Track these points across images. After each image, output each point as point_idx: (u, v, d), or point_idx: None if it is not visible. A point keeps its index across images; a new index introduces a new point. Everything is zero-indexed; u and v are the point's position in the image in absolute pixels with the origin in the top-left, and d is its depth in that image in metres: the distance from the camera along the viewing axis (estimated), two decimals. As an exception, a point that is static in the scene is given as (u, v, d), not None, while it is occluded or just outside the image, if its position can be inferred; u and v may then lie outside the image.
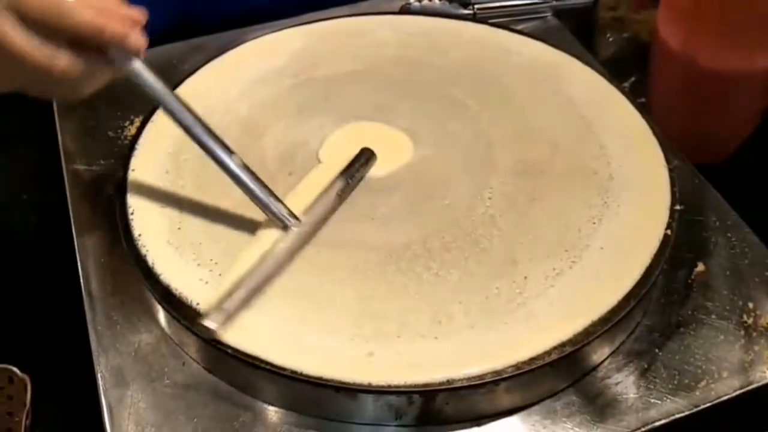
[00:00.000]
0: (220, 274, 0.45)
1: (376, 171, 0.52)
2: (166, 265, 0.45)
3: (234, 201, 0.49)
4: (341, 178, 0.50)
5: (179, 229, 0.48)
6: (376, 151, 0.52)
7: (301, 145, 0.54)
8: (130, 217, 0.48)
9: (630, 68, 0.71)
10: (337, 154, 0.52)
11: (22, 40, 0.38)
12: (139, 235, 0.47)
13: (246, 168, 0.46)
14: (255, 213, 0.47)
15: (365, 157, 0.52)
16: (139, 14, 0.42)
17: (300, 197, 0.49)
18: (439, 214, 0.49)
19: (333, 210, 0.49)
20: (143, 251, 0.46)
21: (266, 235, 0.46)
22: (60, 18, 0.39)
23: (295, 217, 0.46)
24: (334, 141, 0.54)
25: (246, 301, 0.43)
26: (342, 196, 0.49)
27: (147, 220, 0.48)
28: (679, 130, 0.59)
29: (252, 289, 0.43)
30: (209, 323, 0.41)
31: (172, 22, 0.67)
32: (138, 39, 0.42)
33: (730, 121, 0.62)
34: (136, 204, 0.49)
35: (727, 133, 0.63)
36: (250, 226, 0.48)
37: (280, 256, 0.45)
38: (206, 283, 0.45)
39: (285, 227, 0.46)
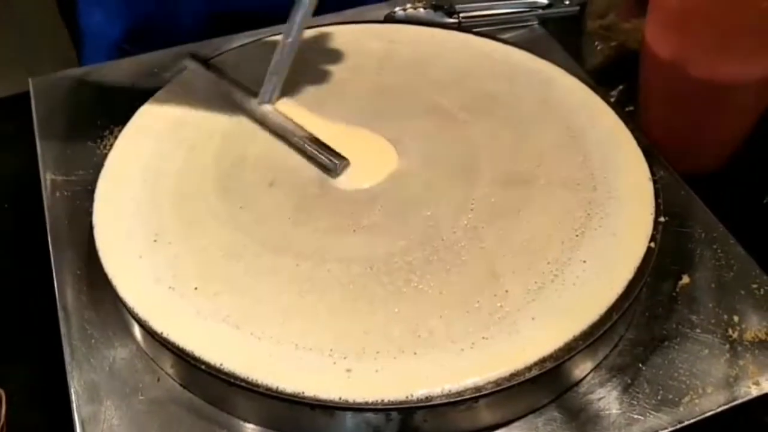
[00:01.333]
0: (195, 288, 0.44)
1: (358, 182, 0.51)
2: (141, 279, 0.45)
3: (212, 212, 0.49)
4: (309, 140, 0.53)
5: (155, 241, 0.47)
6: (359, 160, 0.52)
7: (283, 155, 0.53)
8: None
9: (618, 77, 0.70)
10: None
11: None
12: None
13: (292, 53, 0.55)
14: (231, 226, 0.46)
15: (339, 158, 0.52)
16: None
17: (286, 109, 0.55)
18: (421, 225, 0.48)
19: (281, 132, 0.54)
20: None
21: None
22: None
23: (270, 102, 0.55)
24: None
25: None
26: (288, 141, 0.53)
27: (122, 232, 0.47)
28: (669, 140, 0.58)
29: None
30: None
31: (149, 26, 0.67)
32: None
33: (721, 132, 0.62)
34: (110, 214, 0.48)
35: (718, 143, 0.62)
36: (229, 239, 0.47)
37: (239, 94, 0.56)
38: (181, 296, 0.44)
39: (261, 97, 0.55)
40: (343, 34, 0.63)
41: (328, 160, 0.51)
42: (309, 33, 0.63)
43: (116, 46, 0.74)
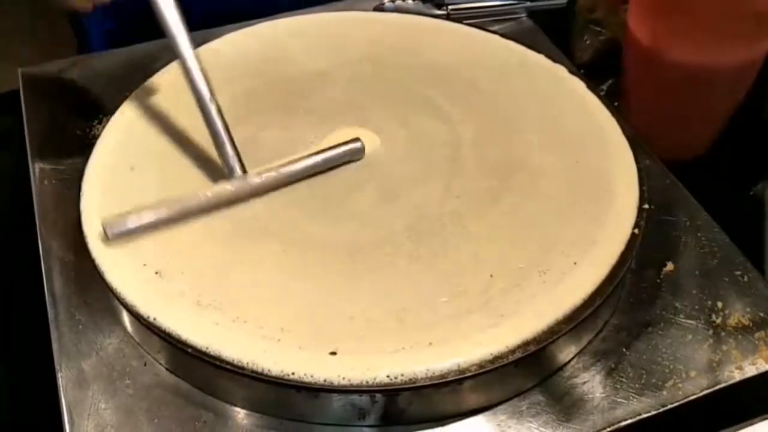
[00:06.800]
0: (182, 273, 0.44)
1: (343, 169, 0.52)
2: (128, 265, 0.45)
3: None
4: (313, 156, 0.50)
5: (142, 227, 0.47)
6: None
7: (269, 144, 0.53)
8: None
9: (607, 71, 0.71)
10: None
11: None
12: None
13: (220, 113, 0.49)
14: (219, 212, 0.47)
15: (350, 146, 0.51)
16: None
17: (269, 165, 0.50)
18: (407, 211, 0.48)
19: (285, 181, 0.49)
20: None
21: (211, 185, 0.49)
22: None
23: (243, 170, 0.48)
24: (304, 137, 0.54)
25: (149, 227, 0.45)
26: (304, 171, 0.50)
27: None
28: (649, 126, 0.59)
29: (160, 219, 0.45)
30: (107, 226, 0.44)
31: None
32: None
33: (701, 117, 0.62)
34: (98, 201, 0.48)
35: (698, 129, 0.63)
36: (216, 224, 0.47)
37: (204, 198, 0.47)
38: (168, 281, 0.44)
39: (230, 173, 0.48)
40: (331, 24, 0.63)
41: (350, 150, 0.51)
42: (295, 21, 0.63)
43: (113, 37, 0.74)
